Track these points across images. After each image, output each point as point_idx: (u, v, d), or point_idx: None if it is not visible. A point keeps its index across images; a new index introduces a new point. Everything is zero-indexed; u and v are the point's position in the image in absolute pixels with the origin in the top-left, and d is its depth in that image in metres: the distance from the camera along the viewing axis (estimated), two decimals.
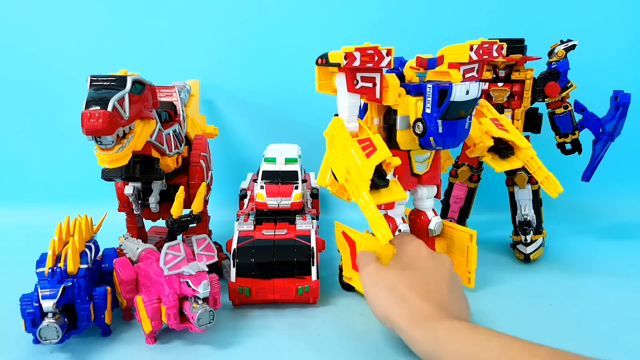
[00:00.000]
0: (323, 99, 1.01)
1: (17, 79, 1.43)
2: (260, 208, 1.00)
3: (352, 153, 0.77)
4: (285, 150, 1.06)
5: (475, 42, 0.82)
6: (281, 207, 0.98)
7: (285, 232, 0.94)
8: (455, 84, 0.77)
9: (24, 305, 0.75)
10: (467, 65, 0.83)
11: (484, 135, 0.91)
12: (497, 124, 0.91)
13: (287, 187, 0.99)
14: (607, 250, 1.17)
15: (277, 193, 0.98)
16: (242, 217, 1.00)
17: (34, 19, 1.40)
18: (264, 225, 0.97)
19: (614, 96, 1.09)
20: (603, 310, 0.89)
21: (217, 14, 1.40)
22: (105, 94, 0.76)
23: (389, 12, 1.38)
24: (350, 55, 0.76)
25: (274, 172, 1.01)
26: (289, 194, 0.98)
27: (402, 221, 0.93)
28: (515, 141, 0.91)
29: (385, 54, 0.78)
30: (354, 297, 0.91)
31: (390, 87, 0.81)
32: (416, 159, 0.89)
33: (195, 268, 0.78)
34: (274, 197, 0.97)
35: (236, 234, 0.94)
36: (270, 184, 1.00)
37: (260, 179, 1.01)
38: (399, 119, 0.83)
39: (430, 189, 0.93)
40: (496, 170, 0.94)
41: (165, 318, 0.78)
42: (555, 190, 0.91)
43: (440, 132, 0.79)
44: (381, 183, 0.77)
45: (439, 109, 0.78)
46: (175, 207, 0.89)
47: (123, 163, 0.80)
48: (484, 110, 0.94)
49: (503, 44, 0.88)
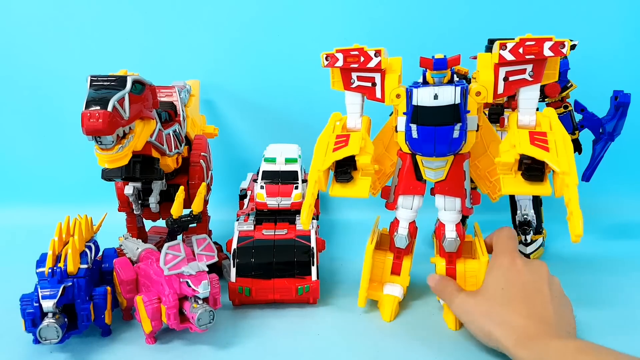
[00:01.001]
0: (323, 99, 1.02)
1: (18, 78, 1.43)
2: (260, 208, 1.00)
3: (325, 145, 0.81)
4: (285, 150, 1.06)
5: (514, 40, 0.75)
6: (281, 207, 0.98)
7: (285, 232, 0.95)
8: (418, 88, 0.74)
9: (24, 305, 0.75)
10: (510, 66, 0.76)
11: (510, 150, 0.75)
12: (536, 139, 0.74)
13: (287, 187, 0.99)
14: (607, 250, 1.17)
15: (277, 193, 0.98)
16: (242, 217, 1.01)
17: (35, 18, 1.40)
18: (264, 225, 0.98)
19: (614, 96, 1.08)
20: (603, 311, 0.89)
21: (217, 14, 1.40)
22: (105, 94, 0.76)
23: (389, 13, 1.38)
24: (331, 56, 0.80)
25: (274, 172, 1.01)
26: (289, 194, 0.99)
27: (407, 226, 0.88)
28: (550, 162, 0.70)
29: (374, 54, 0.78)
30: (354, 297, 0.91)
31: (387, 87, 0.81)
32: (425, 164, 0.82)
33: (195, 268, 0.79)
34: (274, 197, 0.98)
35: (236, 234, 0.94)
36: (270, 184, 1.00)
37: (260, 179, 1.01)
38: (399, 120, 0.81)
39: (449, 201, 0.84)
40: (503, 192, 0.77)
41: (165, 318, 0.78)
42: (574, 232, 0.69)
43: (414, 137, 0.76)
44: (340, 177, 0.80)
45: (407, 112, 0.76)
46: (175, 207, 0.90)
47: (123, 163, 0.80)
48: (543, 122, 0.78)
49: (565, 40, 0.74)
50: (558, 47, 0.74)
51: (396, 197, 0.87)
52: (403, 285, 0.91)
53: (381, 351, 0.78)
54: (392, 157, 0.90)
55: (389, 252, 0.92)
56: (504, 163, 0.75)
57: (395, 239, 0.89)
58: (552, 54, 0.74)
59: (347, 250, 1.18)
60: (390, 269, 0.92)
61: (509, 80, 0.77)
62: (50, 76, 1.42)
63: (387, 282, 0.92)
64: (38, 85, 1.43)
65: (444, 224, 0.86)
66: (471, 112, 0.78)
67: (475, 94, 0.78)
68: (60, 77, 1.42)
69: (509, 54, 0.75)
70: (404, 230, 0.89)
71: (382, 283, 0.92)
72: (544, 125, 0.77)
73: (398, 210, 0.88)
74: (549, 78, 0.80)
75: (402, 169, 0.85)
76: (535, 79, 0.77)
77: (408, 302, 0.93)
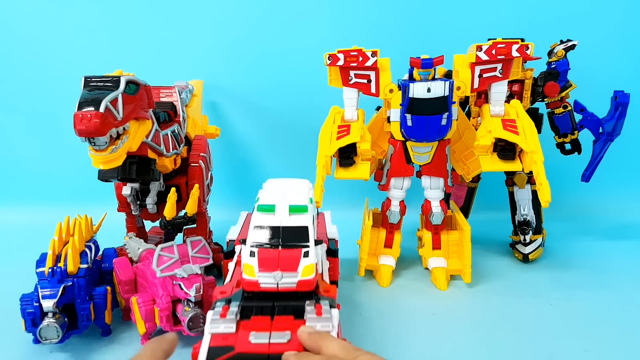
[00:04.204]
0: (324, 100, 1.02)
1: (18, 78, 1.43)
2: (249, 289, 0.63)
3: (328, 134, 0.93)
4: (289, 192, 0.73)
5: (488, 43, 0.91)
6: (282, 288, 0.62)
7: (287, 339, 0.57)
8: (414, 83, 0.89)
9: (24, 305, 0.75)
10: (484, 65, 0.92)
11: (486, 135, 0.93)
12: (508, 125, 0.92)
13: (292, 254, 0.64)
14: (606, 250, 1.17)
15: (276, 264, 0.63)
16: (220, 302, 0.63)
17: (36, 18, 1.40)
18: (253, 320, 0.60)
19: (614, 96, 1.08)
20: (603, 310, 0.89)
21: (221, 16, 1.40)
22: (98, 94, 0.75)
23: (390, 13, 1.38)
24: (333, 56, 0.93)
25: (272, 230, 0.66)
26: (294, 265, 0.63)
27: (398, 204, 1.03)
28: (520, 144, 0.90)
29: (371, 54, 0.92)
30: (350, 269, 0.93)
31: (381, 84, 0.94)
32: (414, 150, 0.97)
33: (189, 271, 0.77)
34: (269, 272, 0.62)
35: (206, 340, 0.57)
36: (266, 249, 0.64)
37: (250, 240, 0.66)
38: (392, 111, 0.94)
39: (434, 180, 1.00)
40: (483, 169, 0.95)
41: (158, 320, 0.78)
42: (543, 199, 0.84)
43: (409, 125, 0.92)
44: (343, 162, 0.94)
45: (404, 104, 0.90)
46: (168, 208, 0.88)
47: (117, 164, 0.80)
48: (511, 111, 0.95)
49: (529, 43, 0.90)
50: (523, 49, 0.90)
51: (389, 179, 1.01)
52: (395, 256, 1.05)
53: (381, 351, 0.78)
54: (381, 145, 1.03)
55: (381, 228, 1.06)
56: (482, 146, 0.93)
57: (388, 216, 1.04)
58: (519, 55, 0.91)
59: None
60: (383, 242, 1.06)
61: (483, 77, 0.94)
62: (51, 76, 1.43)
63: (381, 254, 1.06)
64: (39, 85, 1.44)
65: (429, 201, 1.02)
66: (455, 103, 0.93)
67: (455, 89, 0.92)
68: (61, 77, 1.41)
69: (484, 54, 0.91)
70: (396, 208, 1.03)
71: (377, 255, 1.06)
72: (512, 114, 0.95)
73: (390, 190, 1.03)
74: (514, 75, 1.00)
75: (393, 155, 0.99)
76: (504, 75, 0.94)
77: (399, 271, 1.06)
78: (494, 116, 0.95)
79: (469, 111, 1.12)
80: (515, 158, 0.94)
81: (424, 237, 1.05)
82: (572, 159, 1.14)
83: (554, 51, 1.09)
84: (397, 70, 0.97)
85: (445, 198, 1.07)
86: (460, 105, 0.99)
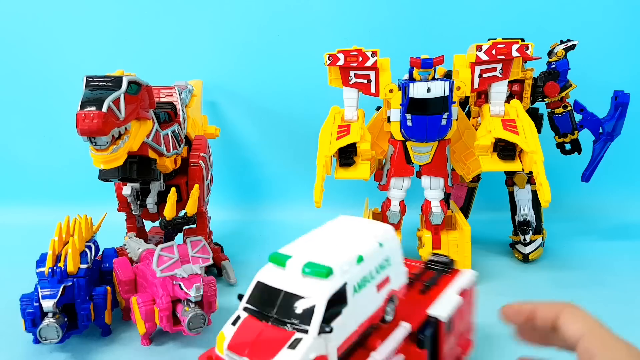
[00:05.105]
0: (324, 100, 1.02)
1: (18, 78, 1.44)
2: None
3: (328, 134, 0.93)
4: (335, 241, 0.54)
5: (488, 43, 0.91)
6: None
7: None
8: (414, 82, 0.88)
9: (24, 305, 0.75)
10: (484, 65, 0.92)
11: (486, 135, 0.93)
12: (508, 125, 0.91)
13: (276, 335, 0.46)
14: (607, 251, 1.17)
15: (246, 346, 0.46)
16: None
17: (37, 18, 1.40)
18: None
19: (614, 96, 1.08)
20: (603, 310, 0.89)
21: (221, 16, 1.40)
22: (100, 94, 0.76)
23: (390, 13, 1.38)
24: (333, 56, 0.93)
25: (269, 292, 0.49)
26: (268, 354, 0.45)
27: (398, 204, 1.02)
28: (520, 144, 0.89)
29: (371, 54, 0.92)
30: None
31: (381, 84, 0.94)
32: (414, 150, 0.96)
33: (189, 271, 0.77)
34: (237, 356, 0.46)
35: None
36: (254, 318, 0.49)
37: (245, 299, 0.51)
38: (392, 111, 0.93)
39: (434, 180, 0.99)
40: (483, 169, 0.95)
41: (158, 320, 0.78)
42: (543, 199, 0.84)
43: (409, 125, 0.91)
44: (343, 162, 0.93)
45: (404, 104, 0.90)
46: (168, 208, 0.88)
47: (118, 164, 0.80)
48: (511, 111, 0.95)
49: (529, 43, 0.90)
50: (523, 49, 0.90)
51: (389, 179, 1.00)
52: None
53: None
54: (381, 145, 1.03)
55: None
56: (482, 145, 0.92)
57: (388, 216, 1.02)
58: (519, 55, 0.90)
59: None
60: None
61: (483, 77, 0.93)
62: (51, 76, 1.43)
63: None
64: (38, 85, 1.44)
65: (429, 201, 1.00)
66: (456, 103, 0.92)
67: (455, 89, 0.91)
68: (61, 77, 1.42)
69: (484, 54, 0.90)
70: (396, 208, 1.02)
71: None
72: (512, 114, 0.94)
73: (390, 190, 1.01)
74: (514, 75, 0.98)
75: (393, 155, 0.98)
76: (504, 75, 0.93)
77: None
78: (494, 116, 0.95)
79: (469, 111, 1.12)
80: (515, 158, 0.94)
81: (424, 237, 1.04)
82: (572, 159, 1.14)
83: (554, 51, 1.09)
84: (397, 70, 0.97)
85: (445, 198, 1.07)
86: (460, 105, 1.00)
